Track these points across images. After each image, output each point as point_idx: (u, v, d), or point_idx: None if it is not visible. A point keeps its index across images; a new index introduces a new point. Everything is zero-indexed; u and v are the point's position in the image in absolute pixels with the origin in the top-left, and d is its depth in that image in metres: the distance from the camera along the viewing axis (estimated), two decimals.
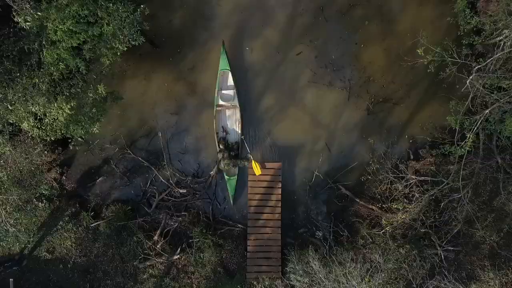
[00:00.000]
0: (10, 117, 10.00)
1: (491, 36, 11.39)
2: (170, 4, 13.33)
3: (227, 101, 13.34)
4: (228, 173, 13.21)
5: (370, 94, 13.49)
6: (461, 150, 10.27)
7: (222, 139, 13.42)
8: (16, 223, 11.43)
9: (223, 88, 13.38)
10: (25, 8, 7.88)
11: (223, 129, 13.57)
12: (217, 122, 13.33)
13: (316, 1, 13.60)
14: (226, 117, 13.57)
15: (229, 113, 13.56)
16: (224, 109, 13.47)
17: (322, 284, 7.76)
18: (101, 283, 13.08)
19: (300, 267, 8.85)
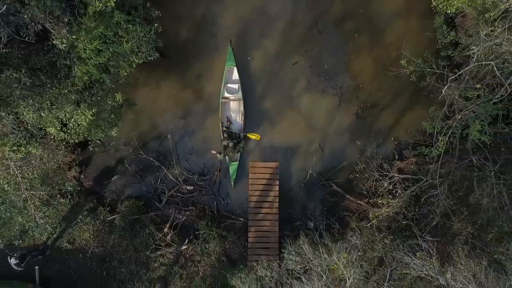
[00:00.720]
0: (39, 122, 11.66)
1: (466, 49, 13.04)
2: (178, 18, 14.92)
3: (232, 93, 14.91)
4: (230, 160, 14.82)
5: (359, 100, 15.16)
6: (435, 151, 11.94)
7: (227, 129, 14.97)
8: (43, 216, 13.05)
9: (229, 82, 14.90)
10: (62, 33, 9.52)
11: (227, 119, 15.10)
12: (222, 113, 14.89)
13: (310, 15, 15.22)
14: (231, 109, 15.12)
15: (233, 105, 15.07)
16: (229, 101, 15.01)
17: (310, 262, 9.41)
18: (117, 271, 14.79)
19: (293, 249, 10.54)
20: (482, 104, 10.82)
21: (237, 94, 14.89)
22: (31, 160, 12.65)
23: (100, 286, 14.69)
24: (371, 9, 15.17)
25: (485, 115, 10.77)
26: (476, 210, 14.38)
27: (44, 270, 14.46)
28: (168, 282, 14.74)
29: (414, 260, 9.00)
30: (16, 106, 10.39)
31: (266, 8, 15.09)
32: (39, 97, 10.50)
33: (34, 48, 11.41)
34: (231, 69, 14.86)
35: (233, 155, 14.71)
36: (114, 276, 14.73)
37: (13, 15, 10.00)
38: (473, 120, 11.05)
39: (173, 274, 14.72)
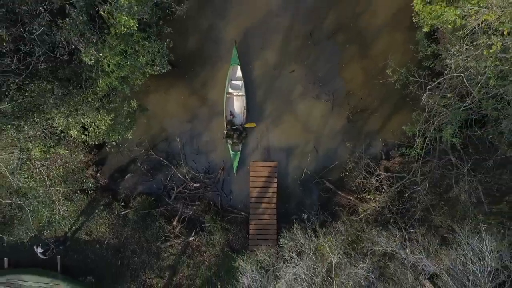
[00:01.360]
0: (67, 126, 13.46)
1: (442, 62, 14.82)
2: (185, 31, 16.69)
3: (235, 90, 16.65)
4: (233, 149, 16.56)
5: (350, 105, 16.95)
6: (413, 152, 13.73)
7: (230, 121, 16.72)
8: (66, 210, 14.82)
9: (232, 79, 16.62)
10: (91, 51, 11.30)
11: (230, 113, 16.83)
12: (226, 107, 16.65)
13: (305, 28, 16.99)
14: (234, 104, 16.89)
15: (237, 100, 16.80)
16: (232, 96, 16.73)
17: (302, 246, 11.13)
18: (130, 260, 16.59)
19: (288, 235, 12.30)
20: (453, 110, 12.59)
21: (240, 90, 16.63)
22: (56, 160, 14.47)
23: (115, 274, 16.50)
24: (361, 23, 16.94)
25: (455, 121, 12.54)
26: (455, 205, 16.19)
27: (65, 259, 16.27)
28: (176, 270, 16.54)
29: (382, 238, 10.75)
30: (49, 113, 12.19)
31: (265, 22, 16.85)
32: (67, 105, 12.30)
33: (59, 61, 13.23)
34: (235, 68, 16.59)
35: (235, 145, 16.50)
36: (128, 265, 16.55)
37: (46, 35, 11.82)
38: (446, 124, 12.82)
39: (181, 263, 16.53)
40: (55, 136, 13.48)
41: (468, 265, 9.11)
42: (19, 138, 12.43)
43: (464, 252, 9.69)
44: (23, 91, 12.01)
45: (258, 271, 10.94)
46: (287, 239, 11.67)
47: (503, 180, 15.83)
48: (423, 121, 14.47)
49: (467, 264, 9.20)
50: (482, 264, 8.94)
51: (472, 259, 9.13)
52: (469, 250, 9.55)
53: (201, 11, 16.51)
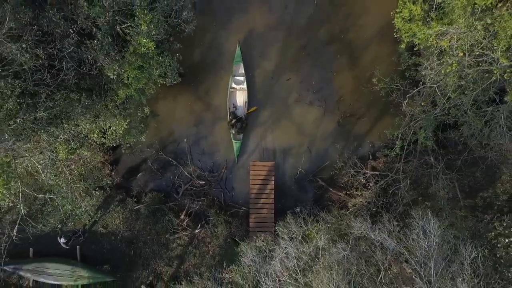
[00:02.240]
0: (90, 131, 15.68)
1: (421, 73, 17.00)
2: (191, 44, 18.85)
3: (238, 84, 18.80)
4: (235, 138, 18.71)
5: (340, 110, 19.16)
6: (393, 152, 15.95)
7: (232, 113, 18.84)
8: (87, 205, 17.03)
9: (236, 75, 18.77)
10: (114, 67, 13.52)
11: (233, 105, 18.99)
12: (229, 100, 18.80)
13: (300, 40, 19.14)
14: (236, 97, 19.01)
15: (239, 94, 18.95)
16: (235, 90, 18.87)
17: (294, 233, 13.29)
18: (142, 250, 18.80)
19: (282, 224, 14.50)
20: (426, 117, 14.80)
21: (242, 85, 18.81)
22: (79, 160, 16.71)
23: (128, 263, 18.71)
24: (351, 36, 19.14)
25: (428, 126, 14.74)
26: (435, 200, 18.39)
27: (84, 249, 18.47)
28: (184, 259, 18.77)
29: (356, 223, 12.94)
30: (76, 119, 14.41)
31: (264, 35, 19.04)
32: (91, 112, 14.53)
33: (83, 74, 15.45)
34: (238, 65, 18.75)
35: (237, 134, 18.67)
36: (140, 254, 18.76)
37: (74, 53, 14.05)
38: (420, 129, 15.04)
39: (188, 253, 18.75)
40: (79, 139, 15.72)
41: (419, 240, 11.35)
42: (50, 141, 14.67)
43: (416, 231, 11.93)
44: (50, 99, 14.25)
45: (257, 254, 13.15)
46: (282, 227, 13.89)
47: (477, 178, 18.03)
48: (404, 126, 16.74)
49: (418, 240, 11.43)
50: (429, 240, 11.17)
51: (422, 236, 11.39)
52: (419, 230, 11.79)
53: (205, 25, 18.71)
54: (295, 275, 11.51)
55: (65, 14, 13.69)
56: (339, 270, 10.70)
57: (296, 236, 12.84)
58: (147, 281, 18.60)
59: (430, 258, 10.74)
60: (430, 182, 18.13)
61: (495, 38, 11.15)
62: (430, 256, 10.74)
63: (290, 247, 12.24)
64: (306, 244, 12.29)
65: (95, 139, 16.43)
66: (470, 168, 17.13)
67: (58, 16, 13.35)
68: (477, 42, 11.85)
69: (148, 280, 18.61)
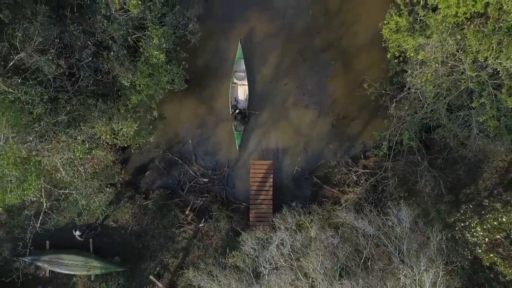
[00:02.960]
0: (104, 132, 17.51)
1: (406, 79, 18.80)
2: (196, 52, 20.61)
3: (239, 79, 20.51)
4: (236, 129, 20.43)
5: (334, 113, 20.94)
6: (381, 152, 17.76)
7: (234, 106, 20.58)
8: (99, 200, 18.84)
9: (237, 71, 20.49)
10: (128, 76, 15.36)
11: (235, 99, 20.71)
12: (231, 95, 20.55)
13: (297, 47, 20.91)
14: (238, 91, 20.74)
15: (240, 88, 20.66)
16: (236, 85, 20.58)
17: (289, 223, 15.12)
18: (150, 243, 20.60)
19: (279, 216, 16.34)
20: (410, 120, 16.62)
21: (243, 80, 20.57)
22: (93, 159, 18.55)
23: (137, 254, 20.50)
24: (344, 43, 20.94)
25: (411, 127, 16.55)
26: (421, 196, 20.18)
27: (96, 242, 20.25)
28: (188, 251, 20.59)
29: (341, 213, 14.76)
30: (92, 122, 16.25)
31: (263, 42, 20.84)
32: (106, 115, 16.37)
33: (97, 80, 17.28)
34: (239, 61, 20.47)
35: (239, 126, 20.44)
36: (148, 247, 20.56)
37: (91, 62, 15.90)
38: (404, 130, 16.85)
39: (192, 246, 20.54)
40: (94, 140, 17.56)
41: (394, 227, 13.17)
42: (68, 142, 16.51)
43: (391, 219, 13.76)
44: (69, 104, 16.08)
45: (256, 243, 14.96)
46: (278, 218, 15.72)
47: (460, 176, 19.80)
48: (392, 127, 18.55)
49: (393, 226, 13.26)
50: (402, 226, 12.97)
51: (396, 223, 13.22)
52: (394, 218, 13.62)
53: (209, 34, 20.52)
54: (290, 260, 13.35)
55: (84, 28, 15.55)
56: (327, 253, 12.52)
57: (291, 226, 14.65)
58: (155, 271, 20.42)
59: (403, 241, 12.57)
60: (416, 179, 19.95)
61: (464, 52, 12.93)
62: (403, 239, 12.56)
63: (285, 234, 14.08)
64: (300, 233, 14.11)
65: (107, 140, 18.31)
66: (452, 166, 18.90)
67: (78, 30, 15.20)
68: (451, 54, 13.65)
69: (155, 271, 20.43)
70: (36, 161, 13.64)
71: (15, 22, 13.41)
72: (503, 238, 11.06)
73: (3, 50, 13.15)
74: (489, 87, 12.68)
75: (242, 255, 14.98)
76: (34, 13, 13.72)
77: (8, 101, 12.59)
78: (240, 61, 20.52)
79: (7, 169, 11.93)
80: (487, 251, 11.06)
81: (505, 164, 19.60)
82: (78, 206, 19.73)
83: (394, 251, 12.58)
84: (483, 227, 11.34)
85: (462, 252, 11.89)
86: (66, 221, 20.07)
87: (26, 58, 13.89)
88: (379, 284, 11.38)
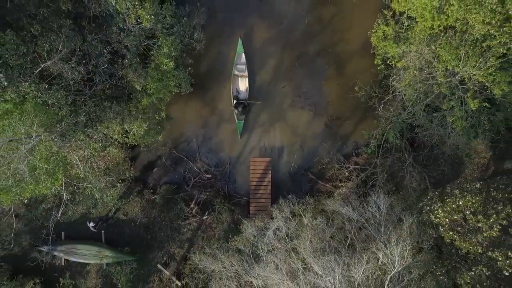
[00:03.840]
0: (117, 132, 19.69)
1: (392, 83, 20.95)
2: (199, 58, 22.79)
3: (240, 72, 22.52)
4: (238, 118, 22.45)
5: (328, 114, 23.07)
6: (369, 150, 19.92)
7: (236, 97, 22.62)
8: (112, 193, 21.01)
9: (238, 63, 22.51)
10: (141, 81, 17.55)
11: (236, 90, 22.76)
12: (233, 86, 22.60)
13: (293, 53, 23.03)
14: (239, 83, 22.80)
15: (241, 80, 22.71)
16: (237, 77, 22.64)
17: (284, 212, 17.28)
18: (157, 235, 22.73)
19: (276, 207, 18.53)
20: (394, 120, 18.78)
21: (244, 72, 22.61)
22: (105, 156, 20.76)
23: (145, 245, 22.62)
24: (337, 49, 23.05)
25: (396, 127, 18.71)
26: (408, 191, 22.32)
27: (108, 233, 22.38)
28: (193, 242, 22.75)
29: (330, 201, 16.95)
30: (107, 122, 18.44)
31: (262, 48, 22.99)
32: (120, 116, 18.56)
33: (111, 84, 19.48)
34: (240, 54, 22.51)
35: (240, 115, 22.46)
36: (155, 238, 22.68)
37: (106, 69, 18.10)
38: (390, 130, 19.02)
39: (197, 237, 22.68)
40: (108, 139, 19.76)
41: (374, 212, 15.34)
42: (86, 140, 18.69)
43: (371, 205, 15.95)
44: (86, 106, 18.27)
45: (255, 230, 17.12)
46: (275, 208, 17.93)
47: (444, 171, 21.94)
48: (381, 127, 20.70)
49: (374, 212, 15.43)
50: (379, 210, 15.13)
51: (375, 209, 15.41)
52: (373, 204, 15.79)
53: (211, 41, 22.70)
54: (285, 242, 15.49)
55: (101, 38, 17.75)
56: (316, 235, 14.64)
57: (287, 215, 16.81)
58: (162, 260, 22.54)
59: (381, 224, 14.67)
60: (403, 175, 22.09)
61: (438, 60, 15.08)
62: (381, 223, 14.66)
63: (281, 221, 16.26)
64: (293, 219, 16.27)
65: (118, 139, 20.49)
66: (436, 162, 21.06)
67: (96, 40, 17.40)
68: (427, 62, 15.80)
69: (162, 260, 22.55)
70: (63, 156, 15.78)
71: (43, 35, 15.59)
72: (461, 219, 13.11)
73: (33, 59, 15.32)
74: (459, 91, 14.79)
75: (243, 240, 17.14)
76: (59, 27, 15.89)
77: (39, 103, 14.77)
78: (240, 54, 22.55)
79: (40, 163, 14.09)
80: (447, 230, 13.10)
81: (486, 161, 21.75)
82: (92, 200, 22.03)
83: (374, 233, 14.72)
84: (444, 210, 13.39)
85: (429, 232, 13.95)
86: (81, 213, 22.23)
87: (52, 66, 16.07)
88: (357, 256, 13.54)
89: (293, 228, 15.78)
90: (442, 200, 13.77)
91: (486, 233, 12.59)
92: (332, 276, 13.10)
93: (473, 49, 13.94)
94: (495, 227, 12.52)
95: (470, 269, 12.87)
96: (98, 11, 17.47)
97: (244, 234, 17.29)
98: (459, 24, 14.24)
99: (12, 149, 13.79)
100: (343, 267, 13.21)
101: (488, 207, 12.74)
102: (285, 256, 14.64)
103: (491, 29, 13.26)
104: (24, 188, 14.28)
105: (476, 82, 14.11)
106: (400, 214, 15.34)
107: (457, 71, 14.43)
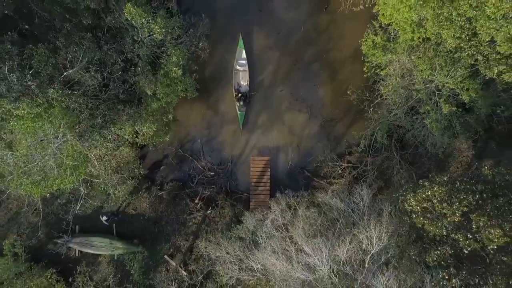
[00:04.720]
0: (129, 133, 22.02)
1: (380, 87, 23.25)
2: (203, 64, 25.05)
3: (241, 66, 24.68)
4: (239, 110, 24.59)
5: (322, 116, 25.36)
6: (359, 149, 22.25)
7: (237, 89, 24.80)
8: (123, 189, 23.33)
9: (239, 59, 24.69)
10: (152, 87, 19.94)
11: (237, 84, 24.92)
12: (234, 80, 24.74)
13: (290, 59, 25.34)
14: (240, 77, 24.95)
15: (242, 74, 24.86)
16: (239, 71, 24.78)
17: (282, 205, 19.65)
18: (164, 228, 24.97)
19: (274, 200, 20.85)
20: (382, 122, 21.12)
21: (244, 67, 24.78)
22: (118, 156, 23.12)
23: (153, 238, 24.81)
24: (331, 55, 25.35)
25: (383, 128, 21.04)
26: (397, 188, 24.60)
27: (118, 227, 24.65)
28: (197, 235, 25.05)
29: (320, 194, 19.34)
30: (120, 124, 20.77)
31: (262, 54, 25.32)
32: (132, 118, 20.91)
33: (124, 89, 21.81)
34: (240, 50, 24.72)
35: (241, 107, 24.61)
36: (163, 232, 24.94)
37: (120, 75, 20.42)
38: (378, 130, 21.36)
39: (201, 230, 24.92)
40: (121, 139, 22.11)
41: (358, 203, 17.74)
42: (101, 140, 21.03)
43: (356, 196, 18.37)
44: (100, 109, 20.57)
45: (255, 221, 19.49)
46: (273, 201, 20.31)
47: (431, 169, 24.20)
48: (371, 128, 23.04)
49: (359, 203, 17.83)
50: (364, 201, 17.55)
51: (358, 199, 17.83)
52: (358, 196, 18.19)
53: (214, 48, 25.01)
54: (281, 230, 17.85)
55: (115, 47, 20.10)
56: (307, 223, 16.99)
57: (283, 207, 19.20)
58: (169, 252, 24.82)
59: (365, 213, 17.03)
60: (392, 172, 24.42)
61: (417, 69, 17.43)
62: (365, 211, 17.02)
63: (277, 211, 18.64)
64: (289, 211, 18.66)
65: (129, 139, 22.82)
66: (421, 160, 23.42)
67: (111, 49, 19.76)
68: (408, 70, 18.15)
69: (169, 252, 24.82)
70: (84, 154, 18.12)
71: (66, 46, 17.94)
72: (430, 207, 15.40)
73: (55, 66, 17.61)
74: (435, 97, 17.10)
75: (244, 229, 19.49)
76: (80, 39, 18.25)
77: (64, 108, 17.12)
78: (241, 51, 24.74)
79: (67, 160, 16.43)
80: (419, 216, 15.35)
81: (468, 159, 24.05)
82: (104, 195, 24.38)
83: (357, 220, 17.10)
84: (416, 199, 15.67)
85: (404, 219, 16.26)
86: (94, 208, 24.57)
87: (73, 74, 18.42)
88: (341, 239, 15.97)
89: (289, 218, 18.12)
90: (414, 191, 16.03)
91: (450, 218, 14.91)
92: (320, 255, 15.49)
93: (445, 60, 16.26)
94: (457, 213, 14.82)
95: (437, 249, 15.24)
96: (113, 23, 19.79)
97: (245, 224, 19.62)
98: (433, 38, 16.54)
99: (43, 147, 16.11)
100: (329, 248, 15.57)
101: (452, 196, 15.02)
102: (280, 241, 16.98)
103: (461, 42, 15.57)
104: (52, 183, 16.59)
105: (449, 89, 16.43)
106: (381, 205, 17.66)
107: (433, 79, 16.75)
